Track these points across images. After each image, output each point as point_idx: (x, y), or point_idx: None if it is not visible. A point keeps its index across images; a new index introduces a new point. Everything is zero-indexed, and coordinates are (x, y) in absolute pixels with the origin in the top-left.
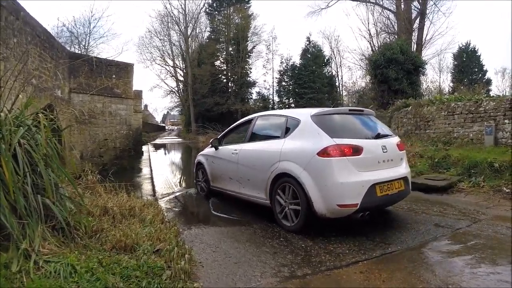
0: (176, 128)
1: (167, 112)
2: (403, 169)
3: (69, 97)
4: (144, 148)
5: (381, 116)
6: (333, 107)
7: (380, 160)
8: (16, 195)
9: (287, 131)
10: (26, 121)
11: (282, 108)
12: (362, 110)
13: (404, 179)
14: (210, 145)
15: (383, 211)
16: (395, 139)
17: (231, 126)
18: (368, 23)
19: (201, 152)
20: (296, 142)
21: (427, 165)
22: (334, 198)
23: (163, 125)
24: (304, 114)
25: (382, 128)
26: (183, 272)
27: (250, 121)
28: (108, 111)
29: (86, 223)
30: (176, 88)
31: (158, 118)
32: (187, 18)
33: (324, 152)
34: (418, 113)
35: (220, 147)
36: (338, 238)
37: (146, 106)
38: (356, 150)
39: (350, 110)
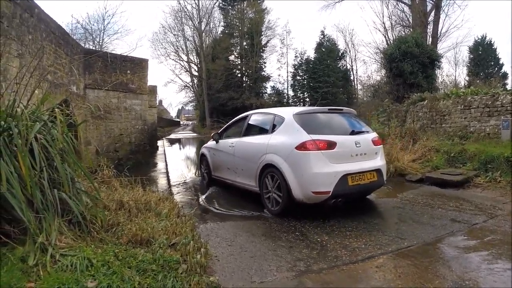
0: (190, 123)
1: (182, 107)
2: (377, 162)
3: (84, 93)
4: (159, 143)
5: (396, 110)
6: (347, 100)
7: (353, 153)
8: (32, 189)
9: (274, 127)
10: (42, 116)
11: (297, 102)
12: (342, 109)
13: (377, 171)
14: (212, 139)
15: (397, 206)
16: (371, 135)
17: (230, 122)
18: (383, 16)
19: (205, 145)
20: (280, 137)
21: (443, 159)
22: (309, 186)
23: (178, 120)
24: (288, 113)
25: (359, 126)
26: (199, 265)
27: (245, 117)
28: (123, 106)
29: (102, 217)
30: (191, 83)
31: (173, 113)
32: (200, 13)
33: (301, 147)
34: (434, 107)
35: (220, 141)
36: (354, 232)
37: (160, 101)
38: (330, 145)
39: (329, 109)
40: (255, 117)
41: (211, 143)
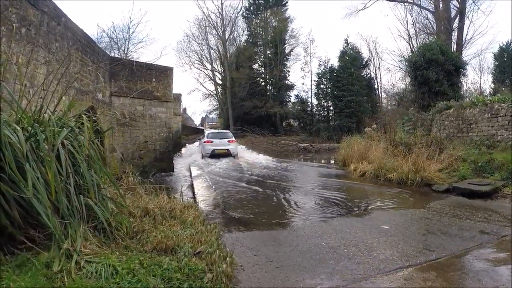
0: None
1: (206, 115)
2: (227, 147)
3: (110, 100)
4: (184, 150)
5: (422, 118)
6: (371, 109)
7: (219, 144)
8: (58, 195)
9: (203, 135)
10: (69, 122)
11: (321, 111)
12: (223, 131)
13: (227, 150)
14: (199, 140)
15: (424, 216)
16: (228, 139)
17: (204, 134)
18: (407, 24)
19: (199, 142)
20: (204, 139)
21: (470, 169)
22: (205, 152)
23: (202, 128)
24: (207, 131)
25: (227, 136)
26: (225, 275)
27: (204, 133)
28: (148, 114)
29: (127, 224)
30: (215, 92)
31: (197, 121)
32: (224, 22)
33: (204, 142)
34: (460, 116)
35: (201, 140)
36: (381, 244)
37: (185, 109)
38: (211, 142)
39: (218, 132)
40: (205, 133)
41: (200, 142)
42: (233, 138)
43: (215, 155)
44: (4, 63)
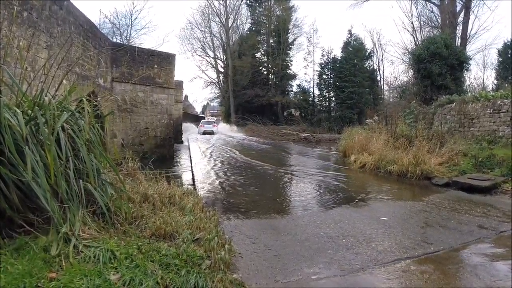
0: (216, 119)
1: (207, 103)
2: (212, 128)
3: (111, 86)
4: (184, 137)
5: (424, 112)
6: (373, 101)
7: (208, 127)
8: (58, 179)
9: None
10: (69, 106)
11: (322, 101)
12: (210, 120)
13: (211, 130)
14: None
15: (423, 209)
16: (214, 123)
17: (200, 122)
18: (412, 16)
19: (199, 125)
20: (199, 124)
21: (470, 164)
22: (199, 131)
23: (203, 115)
24: (202, 120)
25: (212, 122)
26: (223, 262)
27: (201, 119)
28: (149, 100)
29: (127, 209)
30: (217, 80)
31: (198, 109)
32: (228, 10)
33: (200, 126)
34: (462, 110)
35: (199, 124)
36: (379, 236)
37: (186, 96)
38: (203, 126)
39: (207, 121)
40: (200, 121)
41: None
42: (216, 124)
43: (205, 133)
44: (5, 47)
